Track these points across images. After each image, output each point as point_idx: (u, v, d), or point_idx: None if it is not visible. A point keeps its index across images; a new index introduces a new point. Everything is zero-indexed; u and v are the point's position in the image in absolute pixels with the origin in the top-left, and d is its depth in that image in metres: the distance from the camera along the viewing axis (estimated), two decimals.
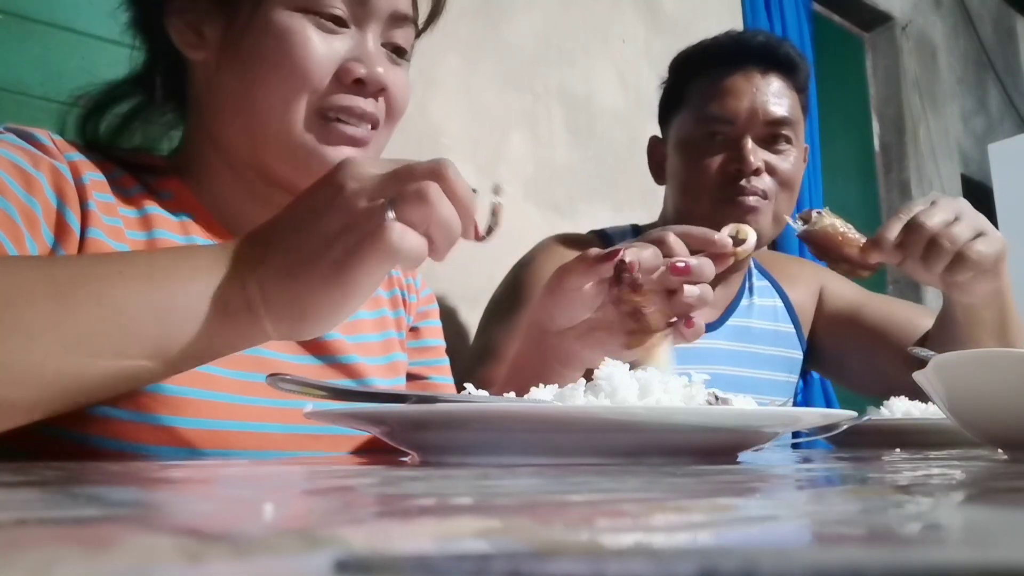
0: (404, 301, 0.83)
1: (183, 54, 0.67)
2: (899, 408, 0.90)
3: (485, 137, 1.76)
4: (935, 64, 3.99)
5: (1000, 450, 0.53)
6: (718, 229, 1.07)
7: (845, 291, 1.24)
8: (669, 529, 0.19)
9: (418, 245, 0.48)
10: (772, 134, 1.10)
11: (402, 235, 0.47)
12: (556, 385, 0.53)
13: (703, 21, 2.51)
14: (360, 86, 0.64)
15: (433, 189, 0.48)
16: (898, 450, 0.73)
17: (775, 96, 1.10)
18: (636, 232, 1.22)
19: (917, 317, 1.16)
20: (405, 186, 0.47)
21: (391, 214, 0.47)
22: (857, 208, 3.71)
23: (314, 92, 0.63)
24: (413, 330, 0.84)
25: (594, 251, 0.66)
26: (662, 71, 1.24)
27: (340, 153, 0.64)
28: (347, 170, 0.48)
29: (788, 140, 1.11)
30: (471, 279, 1.50)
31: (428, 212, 0.47)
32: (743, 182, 1.07)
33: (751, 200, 1.07)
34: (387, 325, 0.80)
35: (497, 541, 0.17)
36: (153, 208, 0.67)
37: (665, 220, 1.19)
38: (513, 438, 0.46)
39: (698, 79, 1.14)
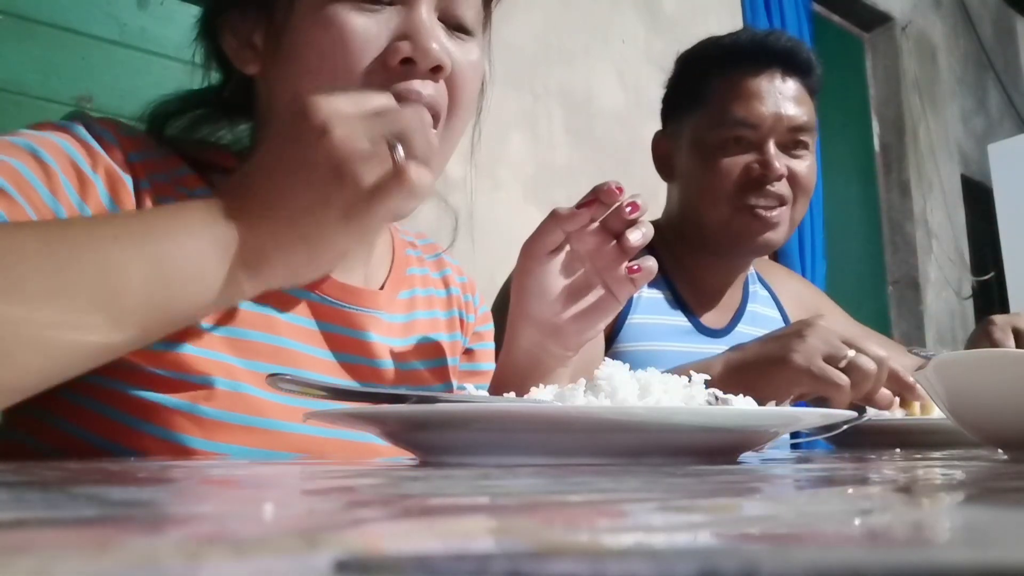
0: (462, 322, 0.80)
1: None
2: (899, 408, 0.90)
3: (485, 137, 1.75)
4: (935, 64, 3.99)
5: (1000, 450, 0.53)
6: (732, 237, 1.07)
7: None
8: (669, 529, 0.19)
9: (430, 178, 0.49)
10: (793, 140, 1.09)
11: (418, 172, 0.48)
12: (556, 385, 0.53)
13: (703, 21, 2.51)
14: (411, 66, 0.57)
15: (423, 117, 0.50)
16: (898, 450, 0.73)
17: (796, 101, 1.09)
18: None
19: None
20: (399, 122, 0.48)
21: (401, 152, 0.47)
22: (857, 208, 3.72)
23: (363, 82, 0.56)
24: (467, 352, 0.80)
25: (561, 208, 0.68)
26: (662, 71, 1.24)
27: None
28: (325, 112, 0.48)
29: (806, 145, 1.10)
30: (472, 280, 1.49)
31: (428, 143, 0.49)
32: (768, 187, 1.06)
33: (772, 215, 1.06)
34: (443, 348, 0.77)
35: (497, 541, 0.17)
36: None
37: (670, 220, 1.17)
38: (513, 438, 0.46)
39: (717, 78, 1.12)
